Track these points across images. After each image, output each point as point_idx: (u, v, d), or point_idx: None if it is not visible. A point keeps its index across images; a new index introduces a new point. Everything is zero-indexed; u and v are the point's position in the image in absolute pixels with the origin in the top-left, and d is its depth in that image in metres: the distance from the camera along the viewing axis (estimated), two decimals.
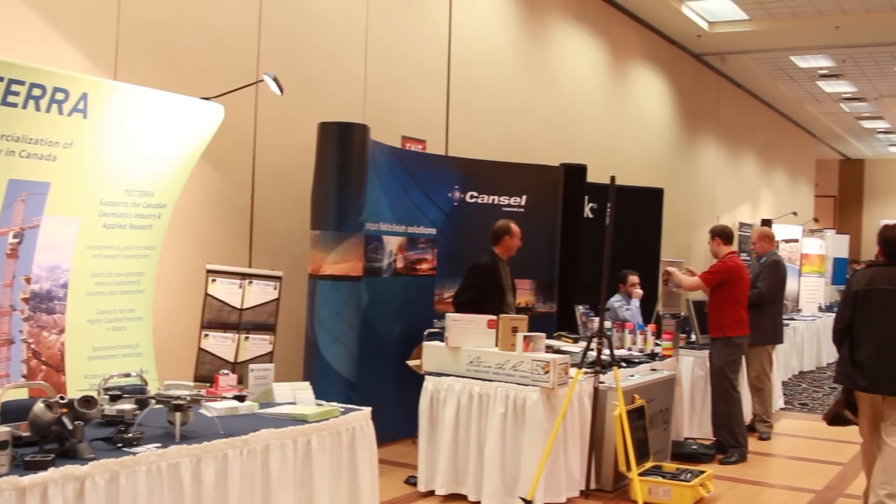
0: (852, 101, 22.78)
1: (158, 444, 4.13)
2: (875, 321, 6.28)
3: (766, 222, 19.25)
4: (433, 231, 8.79)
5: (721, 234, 8.53)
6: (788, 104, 23.40)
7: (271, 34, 7.96)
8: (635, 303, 10.29)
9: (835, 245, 20.49)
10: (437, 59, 10.22)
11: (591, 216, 10.86)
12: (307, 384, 5.58)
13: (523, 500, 6.28)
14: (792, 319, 14.04)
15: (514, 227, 8.14)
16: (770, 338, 9.44)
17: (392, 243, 8.36)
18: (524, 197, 9.42)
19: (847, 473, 8.12)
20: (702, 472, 7.09)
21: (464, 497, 6.61)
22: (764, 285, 9.29)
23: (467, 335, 6.84)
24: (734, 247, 8.72)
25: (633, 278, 10.27)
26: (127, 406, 4.42)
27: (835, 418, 6.65)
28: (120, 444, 4.08)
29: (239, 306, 6.55)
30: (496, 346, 6.77)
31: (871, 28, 15.46)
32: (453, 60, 10.40)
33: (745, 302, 8.43)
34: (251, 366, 5.69)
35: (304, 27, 8.34)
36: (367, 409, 5.36)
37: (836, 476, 8.06)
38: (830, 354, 15.56)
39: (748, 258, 14.68)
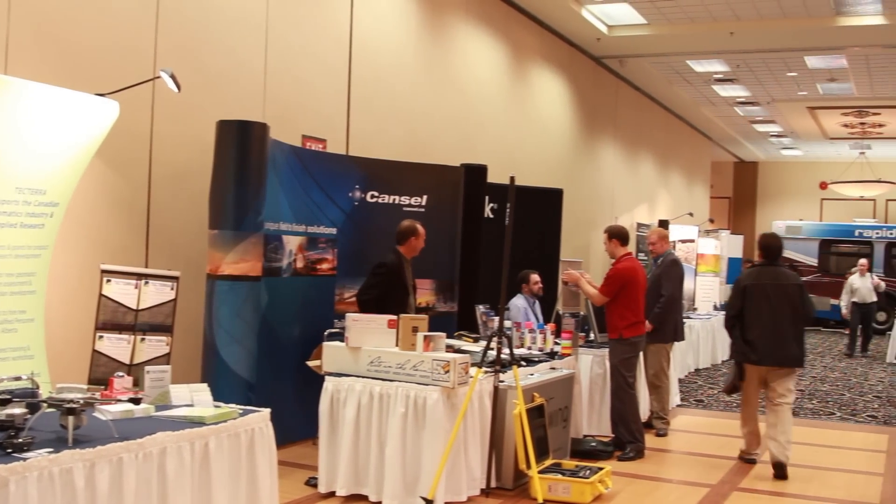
0: (746, 105, 23.36)
1: (50, 449, 4.02)
2: (761, 309, 8.09)
3: (663, 223, 19.61)
4: (333, 231, 8.75)
5: (618, 236, 8.63)
6: (685, 107, 23.89)
7: (169, 29, 7.82)
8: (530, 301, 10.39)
9: (729, 245, 20.98)
10: (338, 57, 10.17)
11: (491, 216, 10.93)
12: (205, 386, 5.50)
13: (424, 499, 6.29)
14: (688, 318, 14.31)
15: (420, 227, 8.17)
16: (671, 336, 9.65)
17: (292, 243, 8.30)
18: (425, 197, 9.44)
19: (741, 468, 8.31)
20: (600, 469, 7.19)
21: (365, 497, 6.59)
22: (671, 286, 9.54)
23: (368, 335, 6.83)
24: (630, 247, 8.84)
25: (535, 277, 10.36)
26: (17, 410, 4.29)
27: (732, 389, 8.62)
28: (10, 450, 3.96)
29: (135, 307, 6.43)
30: (397, 345, 6.77)
31: (764, 34, 15.89)
32: (354, 59, 10.37)
33: (641, 303, 8.56)
34: (147, 368, 5.59)
35: (202, 23, 8.23)
36: (267, 411, 5.32)
37: (731, 470, 8.24)
38: (725, 352, 15.93)
39: (646, 258, 14.92)
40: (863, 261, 19.26)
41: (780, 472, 7.96)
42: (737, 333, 8.27)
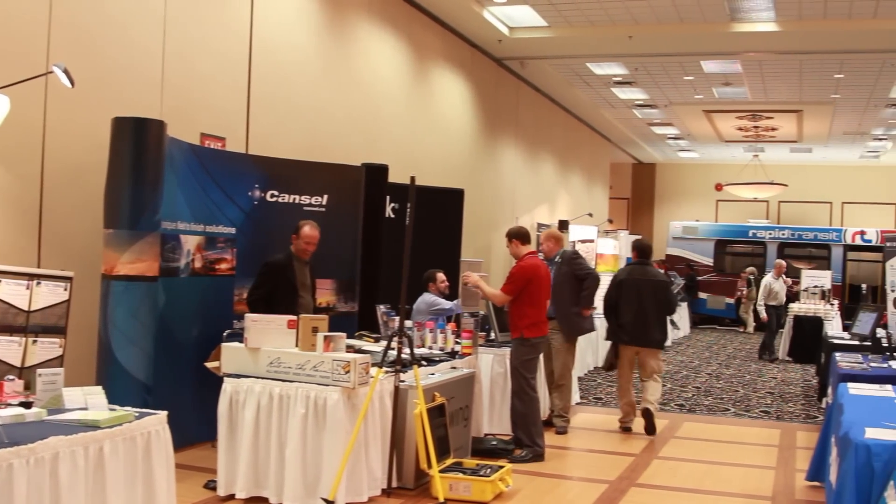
0: (644, 108, 23.73)
1: None
2: (631, 300, 9.82)
3: (563, 223, 19.80)
4: (233, 230, 8.65)
5: (518, 236, 8.69)
6: (585, 109, 24.18)
7: (63, 21, 7.62)
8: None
9: (628, 245, 21.25)
10: (239, 54, 10.04)
11: (392, 216, 10.93)
12: (99, 389, 5.40)
13: (325, 500, 6.26)
14: None
15: (306, 229, 8.10)
16: (578, 329, 9.77)
17: (190, 243, 8.18)
18: (325, 196, 9.39)
19: (639, 464, 8.45)
20: (501, 467, 7.24)
21: (265, 500, 6.53)
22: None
23: (267, 336, 6.77)
24: (532, 246, 8.91)
25: (442, 276, 10.36)
26: None
27: (610, 367, 10.33)
28: None
29: (26, 308, 6.26)
30: (296, 346, 6.73)
31: (662, 38, 16.18)
32: (255, 56, 10.25)
33: (544, 304, 8.63)
34: (39, 370, 5.46)
35: (97, 15, 8.04)
36: (163, 413, 5.24)
37: (629, 466, 8.37)
38: None
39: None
40: (780, 261, 19.08)
41: (648, 419, 9.63)
42: (613, 319, 10.00)
